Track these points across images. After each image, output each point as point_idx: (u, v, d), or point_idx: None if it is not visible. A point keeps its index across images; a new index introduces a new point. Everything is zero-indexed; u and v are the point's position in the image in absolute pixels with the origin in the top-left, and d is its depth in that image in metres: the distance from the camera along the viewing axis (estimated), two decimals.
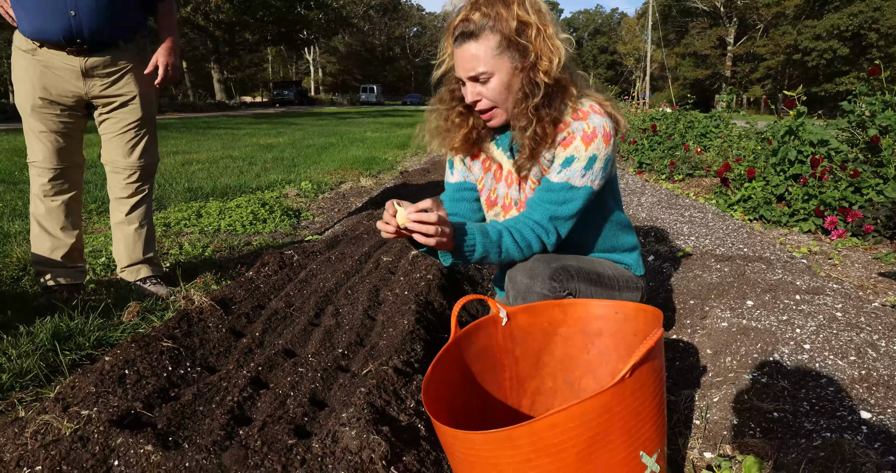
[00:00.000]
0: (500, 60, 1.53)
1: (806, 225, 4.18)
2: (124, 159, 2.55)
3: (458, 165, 1.89)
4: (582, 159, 1.60)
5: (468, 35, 1.52)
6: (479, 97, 1.60)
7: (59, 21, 2.26)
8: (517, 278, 1.62)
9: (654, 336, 1.11)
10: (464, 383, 1.36)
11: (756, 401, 1.67)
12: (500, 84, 1.57)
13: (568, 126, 1.62)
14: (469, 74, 1.56)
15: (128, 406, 1.40)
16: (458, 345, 1.34)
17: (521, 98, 1.58)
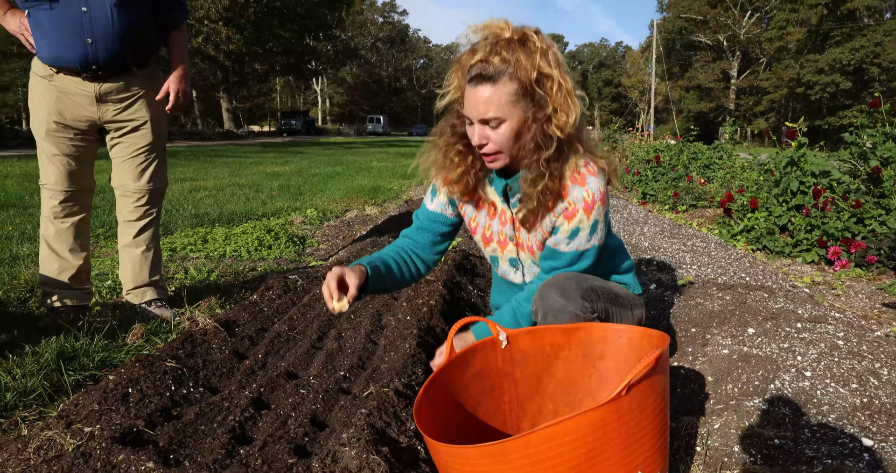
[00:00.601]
0: (514, 107, 1.52)
1: (809, 256, 4.19)
2: (134, 183, 2.60)
3: (441, 197, 1.87)
4: (586, 228, 1.66)
5: (485, 78, 1.49)
6: (485, 141, 1.58)
7: (76, 48, 2.33)
8: (550, 297, 1.62)
9: (651, 355, 1.12)
10: (458, 405, 1.37)
11: (757, 428, 1.66)
12: (510, 131, 1.55)
13: (567, 192, 1.64)
14: (480, 117, 1.54)
15: (130, 424, 1.41)
16: (451, 367, 1.35)
17: (533, 149, 1.57)
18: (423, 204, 1.92)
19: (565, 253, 1.71)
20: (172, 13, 2.61)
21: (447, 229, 1.90)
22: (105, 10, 2.34)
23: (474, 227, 1.88)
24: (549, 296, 1.63)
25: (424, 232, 1.89)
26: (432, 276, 2.85)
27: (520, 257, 1.85)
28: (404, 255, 1.86)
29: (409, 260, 1.87)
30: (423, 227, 1.89)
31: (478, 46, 1.53)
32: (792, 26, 44.24)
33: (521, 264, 1.87)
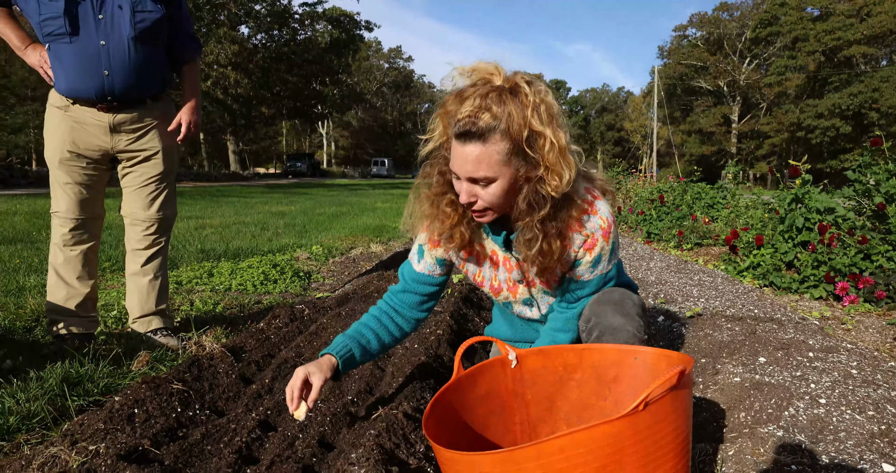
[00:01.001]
0: (505, 166, 1.42)
1: (817, 291, 4.16)
2: (143, 212, 2.62)
3: (427, 259, 1.77)
4: (606, 253, 1.63)
5: (474, 135, 1.38)
6: (474, 198, 1.48)
7: (94, 79, 2.39)
8: (608, 315, 1.58)
9: (673, 371, 1.11)
10: (465, 427, 1.35)
11: (773, 454, 1.63)
12: (501, 190, 1.45)
13: (582, 226, 1.58)
14: (468, 175, 1.44)
15: (136, 443, 1.39)
16: (460, 384, 1.34)
17: (526, 210, 1.48)
18: (408, 263, 1.82)
19: (591, 281, 1.68)
20: (186, 48, 2.69)
21: (434, 289, 1.81)
22: (122, 44, 2.41)
23: (480, 281, 1.81)
24: (605, 314, 1.58)
25: (410, 294, 1.79)
26: (440, 307, 2.84)
27: (532, 294, 1.81)
28: (387, 320, 1.77)
29: (393, 324, 1.78)
30: (409, 289, 1.79)
31: (466, 93, 1.41)
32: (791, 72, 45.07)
33: (535, 300, 1.84)
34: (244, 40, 35.89)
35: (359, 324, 1.74)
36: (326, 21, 38.86)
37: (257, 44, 37.15)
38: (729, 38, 51.32)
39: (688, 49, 54.18)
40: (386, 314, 1.79)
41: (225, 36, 33.24)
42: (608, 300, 1.63)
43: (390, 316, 1.78)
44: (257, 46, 36.89)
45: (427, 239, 1.72)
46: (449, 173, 1.54)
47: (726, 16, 51.94)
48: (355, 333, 1.70)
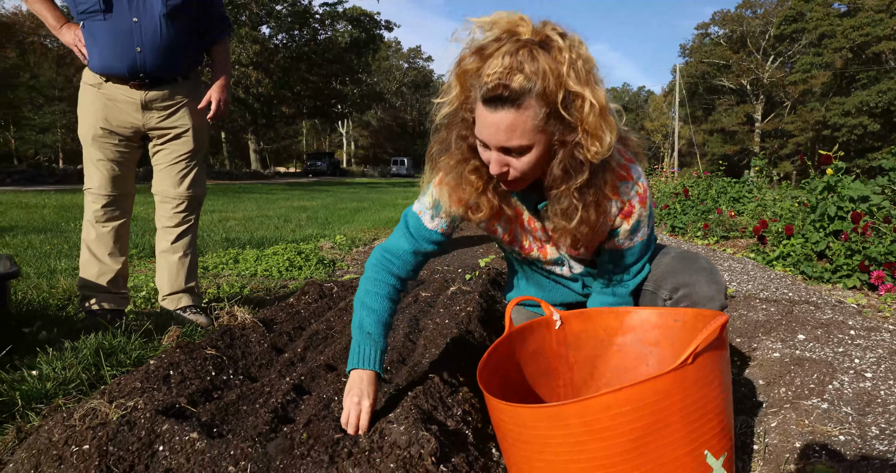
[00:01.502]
0: (541, 132, 1.27)
1: (850, 281, 4.07)
2: (174, 189, 2.63)
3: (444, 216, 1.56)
4: (644, 217, 1.53)
5: (506, 100, 1.22)
6: (505, 168, 1.33)
7: (126, 56, 2.41)
8: (702, 285, 1.49)
9: (717, 321, 1.08)
10: (518, 381, 1.33)
11: (818, 425, 1.58)
12: (536, 159, 1.31)
13: (617, 192, 1.46)
14: (500, 145, 1.28)
15: (172, 401, 1.39)
16: (512, 339, 1.31)
17: (561, 176, 1.34)
18: (416, 217, 1.58)
19: (632, 248, 1.57)
20: (217, 26, 2.69)
21: (437, 249, 1.62)
22: (154, 21, 2.42)
23: (508, 241, 1.66)
24: (700, 284, 1.49)
25: (418, 255, 1.59)
26: (468, 287, 2.81)
27: (561, 253, 1.68)
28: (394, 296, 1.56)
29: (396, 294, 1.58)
30: (419, 249, 1.58)
31: (489, 49, 1.24)
32: (816, 70, 44.35)
33: (565, 259, 1.71)
34: (265, 40, 36.13)
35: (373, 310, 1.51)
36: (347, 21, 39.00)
37: (278, 44, 37.37)
38: (752, 35, 50.65)
39: (710, 47, 53.55)
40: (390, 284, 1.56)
41: (246, 36, 33.50)
42: (699, 267, 1.52)
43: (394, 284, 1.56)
44: (278, 46, 37.11)
45: (449, 199, 1.50)
46: (471, 138, 1.38)
47: (749, 13, 51.30)
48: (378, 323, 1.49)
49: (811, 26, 44.38)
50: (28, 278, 3.48)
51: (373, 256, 1.61)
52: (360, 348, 1.45)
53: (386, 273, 1.56)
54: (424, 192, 1.58)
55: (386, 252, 1.59)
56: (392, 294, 1.55)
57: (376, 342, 1.46)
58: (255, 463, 1.17)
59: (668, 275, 1.58)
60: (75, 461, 1.15)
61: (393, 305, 1.55)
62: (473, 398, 1.57)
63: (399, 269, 1.57)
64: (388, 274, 1.56)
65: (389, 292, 1.54)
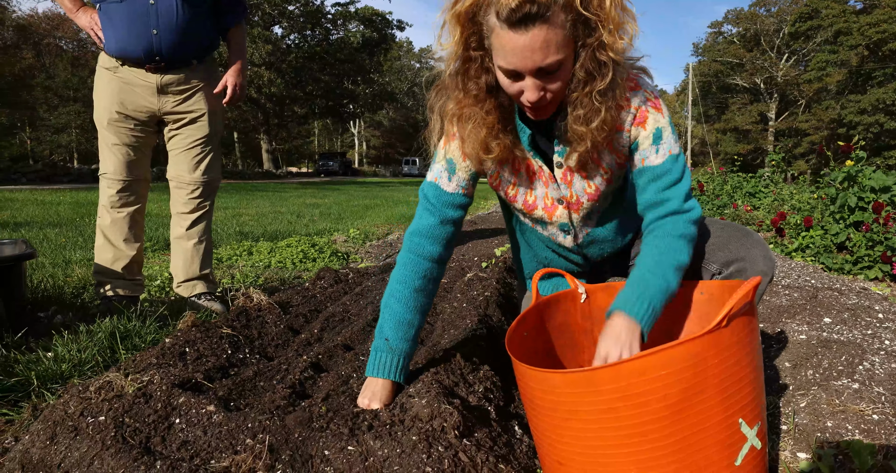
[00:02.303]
0: (570, 42, 1.21)
1: (872, 272, 3.99)
2: (189, 175, 2.62)
3: (461, 174, 1.49)
4: (667, 127, 1.38)
5: (534, 16, 1.14)
6: (542, 92, 1.25)
7: (142, 39, 2.39)
8: (759, 261, 1.39)
9: (750, 283, 1.04)
10: (543, 353, 1.29)
11: (850, 405, 1.54)
12: (567, 72, 1.24)
13: (628, 103, 1.37)
14: (538, 65, 1.20)
15: (188, 376, 1.37)
16: (539, 309, 1.27)
17: (583, 79, 1.25)
18: (433, 186, 1.50)
19: (663, 164, 1.37)
20: (232, 10, 2.68)
21: (462, 214, 1.52)
22: (171, 4, 2.41)
23: (513, 195, 1.56)
24: (756, 259, 1.39)
25: (447, 225, 1.49)
26: (485, 274, 2.78)
27: (572, 220, 1.56)
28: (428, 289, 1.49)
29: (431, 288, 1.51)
30: (444, 218, 1.49)
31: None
32: (832, 67, 43.89)
33: (573, 227, 1.59)
34: (277, 40, 36.25)
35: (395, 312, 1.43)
36: (359, 21, 39.05)
37: (290, 44, 37.47)
38: (766, 33, 50.20)
39: (723, 46, 53.12)
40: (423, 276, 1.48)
41: (259, 36, 33.62)
42: (755, 241, 1.42)
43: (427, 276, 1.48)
44: (290, 46, 37.20)
45: (459, 151, 1.44)
46: (484, 76, 1.30)
47: (763, 11, 50.85)
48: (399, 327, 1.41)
49: (826, 23, 43.92)
50: (43, 267, 3.49)
51: (402, 246, 1.53)
52: (376, 355, 1.39)
53: (415, 262, 1.48)
54: (433, 160, 1.52)
55: (412, 236, 1.51)
56: (423, 285, 1.47)
57: (393, 349, 1.39)
58: (273, 436, 1.14)
59: (719, 248, 1.46)
60: (91, 432, 1.13)
61: (422, 297, 1.46)
62: (495, 377, 1.54)
63: (430, 249, 1.48)
64: (420, 259, 1.48)
65: (419, 285, 1.46)
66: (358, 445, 1.12)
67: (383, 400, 1.31)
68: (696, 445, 1.00)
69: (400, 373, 1.37)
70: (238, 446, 1.13)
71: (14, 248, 2.37)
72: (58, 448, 1.12)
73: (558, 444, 1.05)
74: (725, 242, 1.46)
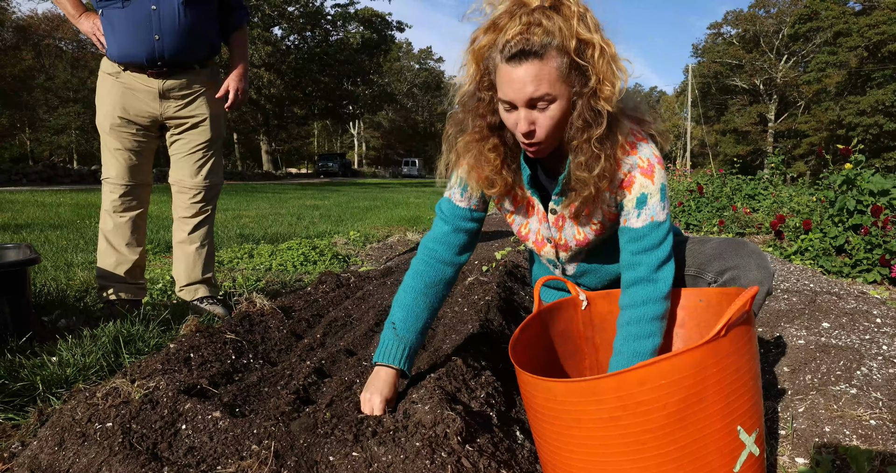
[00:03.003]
0: (563, 84, 1.32)
1: (870, 275, 4.01)
2: (191, 179, 2.63)
3: (473, 192, 1.58)
4: (654, 193, 1.44)
5: (530, 53, 1.27)
6: (533, 127, 1.35)
7: (144, 44, 2.41)
8: (752, 269, 1.45)
9: (747, 293, 1.05)
10: (545, 360, 1.31)
11: (848, 410, 1.55)
12: (560, 111, 1.34)
13: (621, 165, 1.44)
14: (528, 97, 1.31)
15: (194, 382, 1.38)
16: (542, 317, 1.29)
17: (581, 127, 1.35)
18: (447, 201, 1.61)
19: (640, 229, 1.44)
20: (234, 15, 2.70)
21: (477, 227, 1.63)
22: (173, 8, 2.43)
23: (511, 222, 1.68)
24: (750, 268, 1.44)
25: (459, 234, 1.59)
26: (486, 278, 2.79)
27: (559, 257, 1.66)
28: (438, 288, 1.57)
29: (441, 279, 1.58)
30: (457, 227, 1.59)
31: (502, 21, 1.30)
32: (831, 69, 43.92)
33: (561, 264, 1.68)
34: (277, 41, 36.29)
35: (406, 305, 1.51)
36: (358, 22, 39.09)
37: (290, 45, 37.52)
38: (766, 35, 50.25)
39: (723, 47, 53.15)
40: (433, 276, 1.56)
41: (259, 37, 33.65)
42: (749, 251, 1.48)
43: (437, 277, 1.56)
44: (290, 47, 37.25)
45: (468, 177, 1.55)
46: (490, 115, 1.43)
47: (763, 12, 50.90)
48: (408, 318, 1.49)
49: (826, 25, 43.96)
50: (46, 270, 3.50)
51: (417, 253, 1.62)
52: (384, 342, 1.46)
53: (429, 263, 1.57)
54: (450, 180, 1.62)
55: (428, 242, 1.61)
56: (435, 283, 1.55)
57: (401, 338, 1.45)
58: (278, 442, 1.16)
59: (714, 259, 1.53)
60: (99, 438, 1.15)
61: (433, 295, 1.54)
62: (496, 382, 1.56)
63: (443, 253, 1.57)
64: (433, 262, 1.57)
65: (430, 282, 1.54)
66: (362, 451, 1.13)
67: (384, 393, 1.35)
68: (697, 452, 1.02)
69: (405, 361, 1.43)
70: (244, 452, 1.15)
71: (18, 252, 2.38)
72: (66, 454, 1.14)
73: (561, 451, 1.06)
74: (721, 253, 1.53)
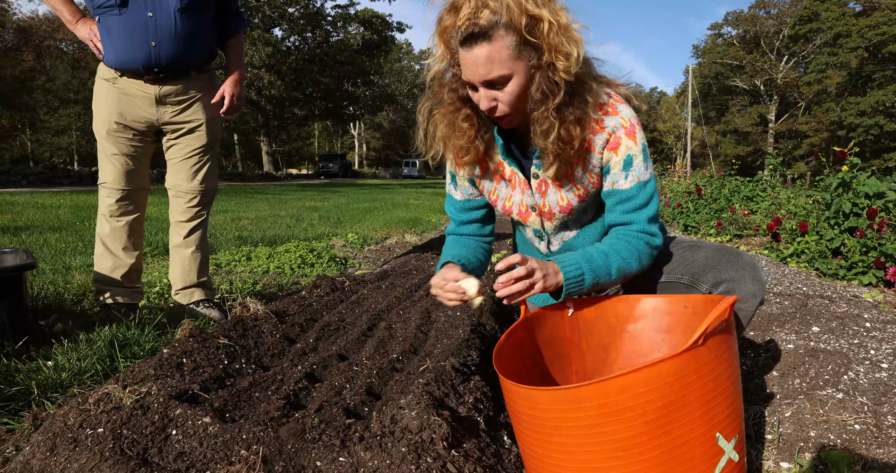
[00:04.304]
0: (517, 61, 1.36)
1: (866, 278, 4.03)
2: (187, 184, 2.65)
3: (461, 182, 1.73)
4: (638, 154, 1.49)
5: (479, 36, 1.33)
6: (494, 103, 1.42)
7: (141, 50, 2.43)
8: (746, 282, 1.47)
9: (725, 302, 1.07)
10: (532, 367, 1.32)
11: (833, 415, 1.57)
12: (518, 87, 1.39)
13: (602, 126, 1.48)
14: (484, 79, 1.38)
15: (185, 387, 1.40)
16: (528, 324, 1.31)
17: (540, 99, 1.40)
18: (448, 196, 1.78)
19: (628, 190, 1.50)
20: (230, 21, 2.72)
21: (484, 211, 1.76)
22: (169, 16, 2.45)
23: (494, 200, 1.71)
24: (744, 280, 1.46)
25: (466, 225, 1.76)
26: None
27: (544, 227, 1.69)
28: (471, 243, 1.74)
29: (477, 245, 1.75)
30: (463, 220, 1.76)
31: (458, 2, 1.36)
32: (831, 70, 43.91)
33: (546, 235, 1.72)
34: (278, 42, 36.31)
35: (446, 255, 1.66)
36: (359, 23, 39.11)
37: (290, 46, 37.55)
38: (766, 35, 50.22)
39: (723, 48, 53.14)
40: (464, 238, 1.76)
41: (259, 38, 33.66)
42: (744, 263, 1.50)
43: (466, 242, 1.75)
44: (290, 49, 37.28)
45: (453, 162, 1.67)
46: (461, 88, 1.50)
47: (763, 13, 50.88)
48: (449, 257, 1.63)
49: (826, 26, 43.94)
50: (44, 273, 3.52)
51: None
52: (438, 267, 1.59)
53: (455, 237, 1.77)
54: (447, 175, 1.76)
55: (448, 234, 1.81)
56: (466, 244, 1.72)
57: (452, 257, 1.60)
58: (266, 447, 1.18)
59: (708, 269, 1.53)
60: (90, 443, 1.17)
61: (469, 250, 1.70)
62: (485, 387, 1.57)
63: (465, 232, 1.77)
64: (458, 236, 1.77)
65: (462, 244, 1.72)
66: (349, 456, 1.15)
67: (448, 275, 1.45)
68: (678, 459, 1.03)
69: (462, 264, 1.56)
70: (233, 457, 1.16)
71: (15, 257, 2.40)
72: (57, 460, 1.15)
73: (544, 458, 1.08)
74: (715, 263, 1.54)
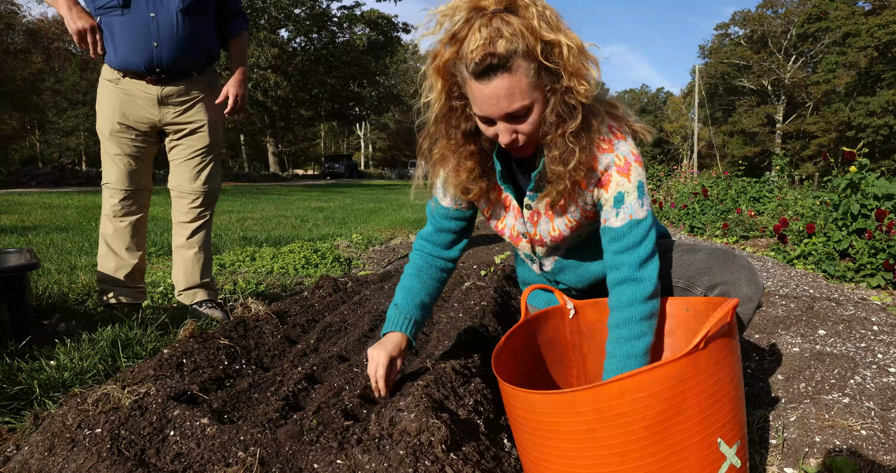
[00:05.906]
0: (536, 89, 1.30)
1: (874, 280, 3.99)
2: (190, 184, 2.65)
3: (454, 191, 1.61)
4: (631, 191, 1.41)
5: (498, 67, 1.24)
6: (515, 135, 1.34)
7: (143, 51, 2.43)
8: (742, 285, 1.45)
9: (726, 305, 1.05)
10: (532, 369, 1.31)
11: (839, 420, 1.55)
12: (538, 116, 1.33)
13: (597, 162, 1.41)
14: (504, 112, 1.29)
15: (184, 388, 1.39)
16: (528, 326, 1.30)
17: (555, 123, 1.33)
18: (435, 200, 1.67)
19: (619, 228, 1.41)
20: (233, 22, 2.72)
21: (464, 225, 1.68)
22: (171, 17, 2.45)
23: (488, 217, 1.67)
24: (741, 283, 1.44)
25: (444, 233, 1.67)
26: (483, 282, 2.80)
27: (535, 252, 1.66)
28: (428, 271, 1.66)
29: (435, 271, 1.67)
30: (442, 227, 1.67)
31: (461, 32, 1.26)
32: (840, 69, 43.66)
33: (538, 258, 1.69)
34: (284, 43, 36.37)
35: (404, 287, 1.62)
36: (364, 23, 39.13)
37: (297, 47, 37.60)
38: (774, 35, 49.98)
39: (730, 48, 52.90)
40: (426, 264, 1.66)
41: (265, 39, 33.73)
42: (740, 265, 1.48)
43: (430, 265, 1.66)
44: (296, 49, 37.33)
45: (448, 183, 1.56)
46: (465, 123, 1.42)
47: (770, 13, 50.65)
48: (407, 296, 1.59)
49: (835, 25, 43.69)
50: (49, 273, 3.53)
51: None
52: (388, 318, 1.57)
53: (422, 256, 1.68)
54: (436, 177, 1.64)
55: (419, 239, 1.72)
56: (429, 272, 1.65)
57: (403, 310, 1.56)
58: (264, 449, 1.17)
59: (704, 272, 1.51)
60: (88, 444, 1.16)
61: (428, 281, 1.64)
62: (486, 389, 1.56)
63: (431, 249, 1.68)
64: (426, 255, 1.68)
65: (424, 271, 1.65)
66: (346, 459, 1.14)
67: (390, 350, 1.47)
68: (676, 465, 1.02)
69: (410, 328, 1.54)
70: (230, 458, 1.16)
71: (19, 257, 2.41)
72: (55, 460, 1.15)
73: (542, 462, 1.07)
74: (711, 267, 1.51)
